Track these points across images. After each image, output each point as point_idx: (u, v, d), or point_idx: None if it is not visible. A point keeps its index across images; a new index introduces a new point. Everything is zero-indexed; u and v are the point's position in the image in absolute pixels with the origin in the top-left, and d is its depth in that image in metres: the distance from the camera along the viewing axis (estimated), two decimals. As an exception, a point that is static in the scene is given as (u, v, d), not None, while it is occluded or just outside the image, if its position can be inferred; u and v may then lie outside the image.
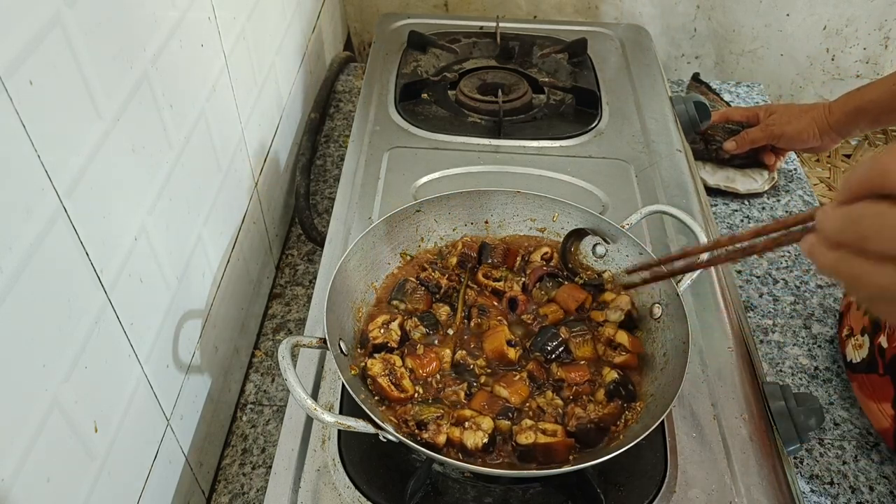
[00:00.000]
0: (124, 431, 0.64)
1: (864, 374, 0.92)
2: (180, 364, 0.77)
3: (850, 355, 0.96)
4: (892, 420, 0.86)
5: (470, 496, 0.66)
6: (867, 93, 1.08)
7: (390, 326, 0.73)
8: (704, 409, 0.74)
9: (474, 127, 1.09)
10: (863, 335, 0.94)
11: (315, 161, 1.29)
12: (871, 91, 1.07)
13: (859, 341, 0.95)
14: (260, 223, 1.04)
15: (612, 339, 0.73)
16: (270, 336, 1.03)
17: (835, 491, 0.85)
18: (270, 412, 0.94)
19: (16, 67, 0.47)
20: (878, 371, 0.89)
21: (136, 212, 0.66)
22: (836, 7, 1.61)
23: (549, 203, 0.85)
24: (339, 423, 0.61)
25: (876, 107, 1.05)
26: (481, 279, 0.80)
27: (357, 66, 1.53)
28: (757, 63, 1.72)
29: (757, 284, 1.08)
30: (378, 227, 0.80)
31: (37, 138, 0.50)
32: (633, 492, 0.66)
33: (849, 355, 0.96)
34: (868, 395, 0.91)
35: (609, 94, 1.17)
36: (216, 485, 0.87)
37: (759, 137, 1.19)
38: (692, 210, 0.96)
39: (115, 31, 0.61)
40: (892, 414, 0.86)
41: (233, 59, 0.90)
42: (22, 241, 0.49)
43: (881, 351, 0.89)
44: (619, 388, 0.69)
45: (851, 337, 0.97)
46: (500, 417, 0.67)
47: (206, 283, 0.84)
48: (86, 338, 0.57)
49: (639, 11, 1.66)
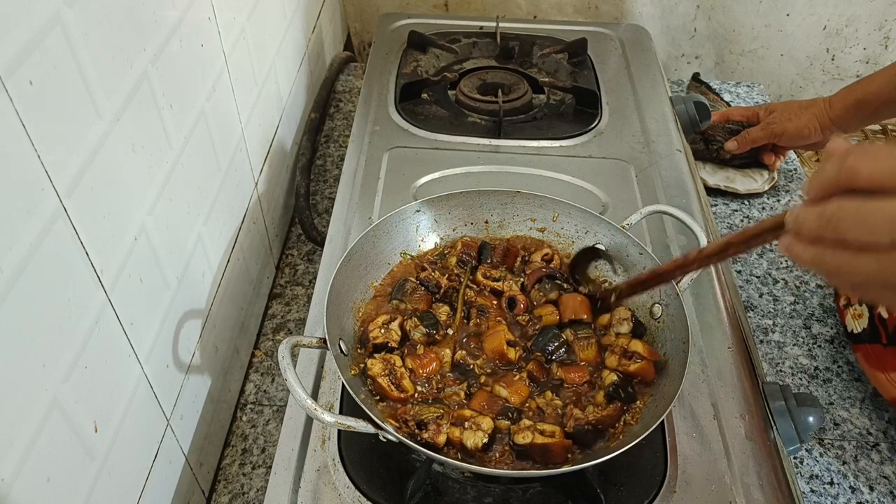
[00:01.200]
0: (124, 431, 0.64)
1: (868, 343, 0.92)
2: (180, 364, 0.77)
3: (850, 325, 0.97)
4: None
5: (470, 496, 0.66)
6: (867, 85, 1.08)
7: (390, 326, 0.73)
8: (704, 409, 0.74)
9: (474, 127, 1.09)
10: (861, 305, 0.95)
11: (315, 161, 1.29)
12: (872, 83, 1.07)
13: (858, 311, 0.95)
14: (260, 223, 1.04)
15: (626, 349, 0.72)
16: (270, 336, 1.03)
17: (835, 491, 0.85)
18: (270, 412, 0.94)
19: (16, 67, 0.47)
20: (881, 341, 0.90)
21: (136, 212, 0.66)
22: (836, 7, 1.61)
23: (549, 203, 0.85)
24: (339, 423, 0.61)
25: (876, 98, 1.05)
26: (480, 279, 0.80)
27: (357, 66, 1.53)
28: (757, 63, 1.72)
29: (757, 284, 1.08)
30: (378, 227, 0.80)
31: (37, 138, 0.50)
32: (633, 492, 0.66)
33: (849, 325, 0.97)
34: (874, 365, 0.91)
35: (609, 94, 1.17)
36: (216, 485, 0.87)
37: (761, 136, 1.19)
38: (692, 210, 0.96)
39: (115, 31, 0.61)
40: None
41: (233, 59, 0.90)
42: (22, 241, 0.49)
43: (882, 320, 0.90)
44: (618, 390, 0.69)
45: (850, 307, 0.97)
46: (500, 417, 0.67)
47: (206, 283, 0.84)
48: (86, 338, 0.57)
49: (639, 11, 1.66)
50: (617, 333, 0.75)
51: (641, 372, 0.70)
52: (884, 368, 0.89)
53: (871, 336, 0.92)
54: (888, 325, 0.88)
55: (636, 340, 0.73)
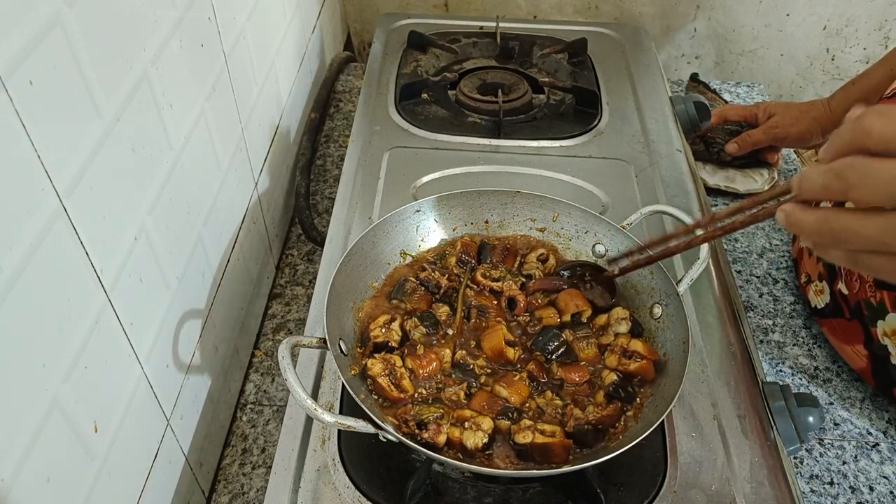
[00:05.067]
0: (124, 431, 0.64)
1: (832, 318, 0.95)
2: (180, 364, 0.77)
3: (813, 301, 0.99)
4: (867, 359, 0.90)
5: (470, 496, 0.66)
6: (866, 81, 1.08)
7: (391, 326, 0.73)
8: (704, 409, 0.74)
9: (474, 127, 1.09)
10: (821, 281, 0.97)
11: (315, 161, 1.29)
12: (871, 79, 1.07)
13: (819, 287, 0.98)
14: (260, 223, 1.04)
15: (625, 349, 0.72)
16: (270, 336, 1.03)
17: (835, 491, 0.85)
18: (270, 412, 0.94)
19: (16, 67, 0.47)
20: (844, 316, 0.93)
21: (136, 212, 0.66)
22: (836, 7, 1.61)
23: (549, 203, 0.85)
24: (339, 423, 0.61)
25: (877, 93, 1.05)
26: (480, 279, 0.80)
27: (357, 66, 1.53)
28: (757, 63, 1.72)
29: (757, 284, 1.08)
30: (378, 227, 0.80)
31: (37, 138, 0.50)
32: (633, 492, 0.66)
33: (812, 301, 0.99)
34: (840, 338, 0.95)
35: (609, 94, 1.17)
36: (216, 485, 0.87)
37: (763, 140, 1.18)
38: (692, 210, 0.96)
39: (116, 31, 0.61)
40: (867, 354, 0.90)
41: (233, 59, 0.90)
42: (22, 241, 0.49)
43: (843, 296, 0.92)
44: (618, 390, 0.69)
45: (811, 283, 1.00)
46: (500, 417, 0.67)
47: (206, 283, 0.84)
48: (86, 337, 0.57)
49: (639, 11, 1.66)
50: (616, 333, 0.75)
51: (641, 371, 0.70)
52: (850, 341, 0.93)
53: (834, 311, 0.94)
54: (849, 300, 0.91)
55: (636, 340, 0.73)
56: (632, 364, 0.71)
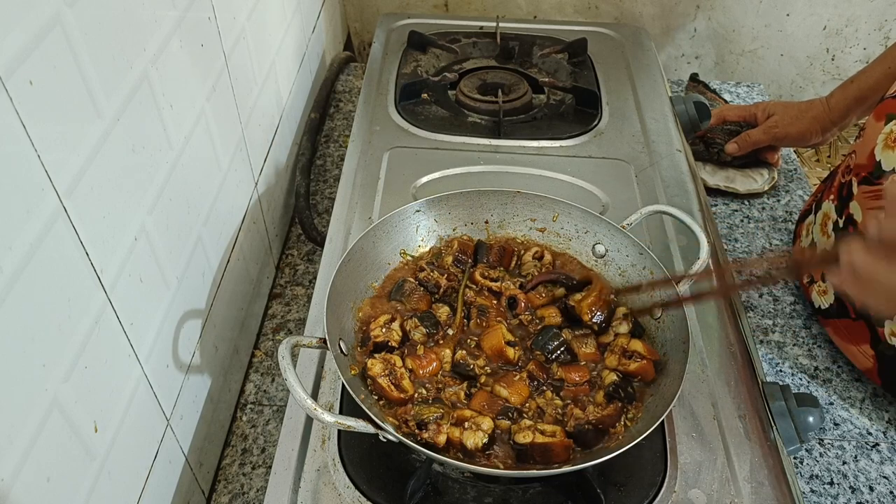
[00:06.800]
0: (124, 431, 0.64)
1: (837, 318, 0.95)
2: (180, 364, 0.77)
3: (816, 301, 0.99)
4: (874, 359, 0.90)
5: (470, 496, 0.66)
6: (865, 80, 1.07)
7: (392, 326, 0.73)
8: (704, 409, 0.74)
9: (474, 127, 1.09)
10: (824, 281, 0.97)
11: (315, 161, 1.29)
12: (869, 77, 1.07)
13: (823, 287, 0.97)
14: (260, 223, 1.04)
15: (626, 349, 0.72)
16: (270, 336, 1.03)
17: (835, 491, 0.85)
18: (270, 412, 0.94)
19: (16, 67, 0.47)
20: (849, 316, 0.92)
21: (136, 212, 0.66)
22: (836, 7, 1.61)
23: (549, 203, 0.85)
24: (339, 423, 0.61)
25: (875, 92, 1.04)
26: (479, 278, 0.80)
27: (357, 66, 1.53)
28: (757, 63, 1.72)
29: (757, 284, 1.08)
30: (378, 227, 0.80)
31: (37, 138, 0.50)
32: (633, 492, 0.66)
33: (815, 301, 0.99)
34: (845, 338, 0.95)
35: (609, 94, 1.16)
36: (216, 485, 0.87)
37: (762, 140, 1.18)
38: (692, 210, 0.96)
39: (115, 31, 0.61)
40: (874, 354, 0.90)
41: (233, 59, 0.90)
42: (22, 241, 0.49)
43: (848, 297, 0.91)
44: (618, 390, 0.69)
45: (814, 283, 0.99)
46: (500, 417, 0.67)
47: (205, 283, 0.84)
48: (86, 338, 0.57)
49: (639, 11, 1.66)
50: (616, 333, 0.75)
51: (641, 371, 0.70)
52: (856, 342, 0.92)
53: (839, 311, 0.94)
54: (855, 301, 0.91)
55: (636, 340, 0.73)
56: (632, 364, 0.71)
